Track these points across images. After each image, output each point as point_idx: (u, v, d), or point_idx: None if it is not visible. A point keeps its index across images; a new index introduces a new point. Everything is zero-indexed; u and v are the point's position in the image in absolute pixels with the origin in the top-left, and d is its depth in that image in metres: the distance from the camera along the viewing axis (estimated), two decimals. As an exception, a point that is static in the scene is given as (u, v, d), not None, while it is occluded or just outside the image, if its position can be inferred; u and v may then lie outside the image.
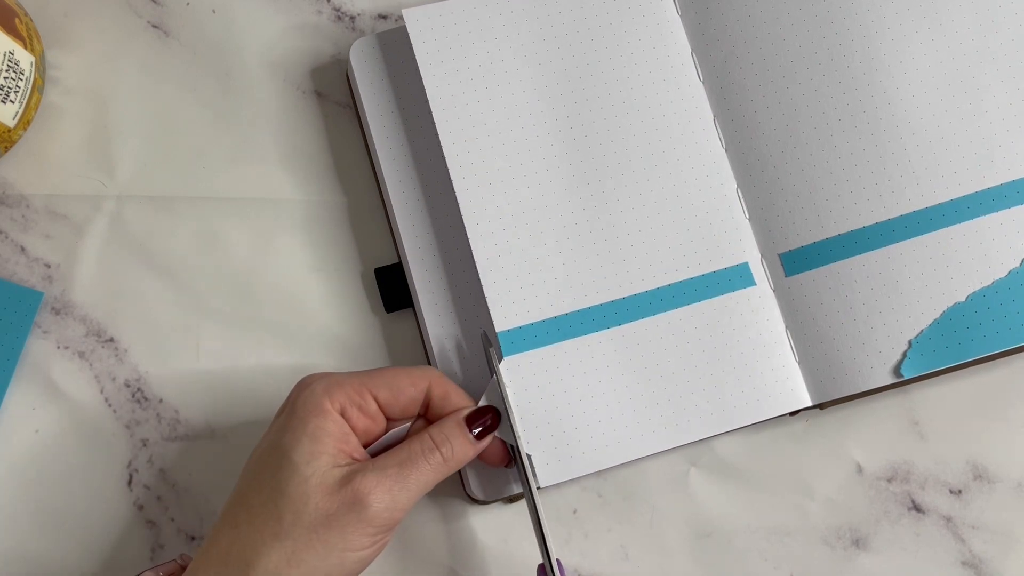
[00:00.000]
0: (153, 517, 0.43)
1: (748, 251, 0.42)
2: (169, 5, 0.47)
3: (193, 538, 0.42)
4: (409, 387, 0.37)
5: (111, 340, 0.44)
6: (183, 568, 0.37)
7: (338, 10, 0.47)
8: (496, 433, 0.38)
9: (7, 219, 0.45)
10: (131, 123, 0.46)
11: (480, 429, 0.37)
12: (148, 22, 0.47)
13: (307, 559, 0.33)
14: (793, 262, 0.41)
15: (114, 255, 0.45)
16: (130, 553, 0.42)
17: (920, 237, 0.40)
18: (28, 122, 0.45)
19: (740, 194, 0.42)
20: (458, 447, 0.36)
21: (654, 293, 0.41)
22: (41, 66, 0.45)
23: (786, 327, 0.41)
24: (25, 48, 0.44)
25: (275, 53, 0.46)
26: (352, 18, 0.47)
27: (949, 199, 0.40)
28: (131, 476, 0.43)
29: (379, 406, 0.37)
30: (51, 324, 0.44)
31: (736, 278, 0.41)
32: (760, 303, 0.41)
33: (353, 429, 0.36)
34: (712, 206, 0.42)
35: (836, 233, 0.41)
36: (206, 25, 0.47)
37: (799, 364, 0.41)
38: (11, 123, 0.43)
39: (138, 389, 0.44)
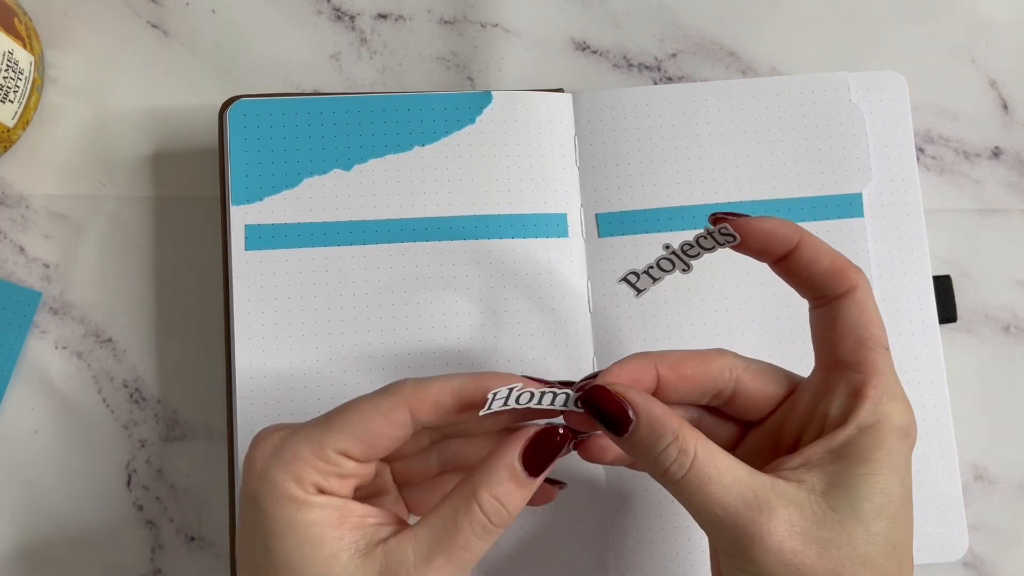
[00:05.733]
0: (152, 518, 0.43)
1: None
2: (169, 5, 0.47)
3: (192, 538, 0.42)
4: (387, 429, 0.29)
5: (109, 340, 0.44)
6: None
7: (338, 10, 0.47)
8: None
9: (6, 219, 0.45)
10: (131, 123, 0.46)
11: (541, 463, 0.29)
12: (148, 22, 0.47)
13: None
14: None
15: (113, 255, 0.44)
16: (130, 553, 0.42)
17: None
18: (27, 122, 0.45)
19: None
20: (514, 506, 0.29)
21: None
22: (40, 66, 0.45)
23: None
24: (24, 48, 0.44)
25: (274, 52, 0.47)
26: (352, 18, 0.47)
27: None
28: (130, 477, 0.43)
29: (358, 460, 0.29)
30: (49, 324, 0.44)
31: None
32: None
33: (343, 496, 0.30)
34: None
35: None
36: (206, 25, 0.47)
37: None
38: (10, 123, 0.43)
39: (136, 389, 0.43)
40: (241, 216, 0.41)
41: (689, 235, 0.33)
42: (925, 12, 0.48)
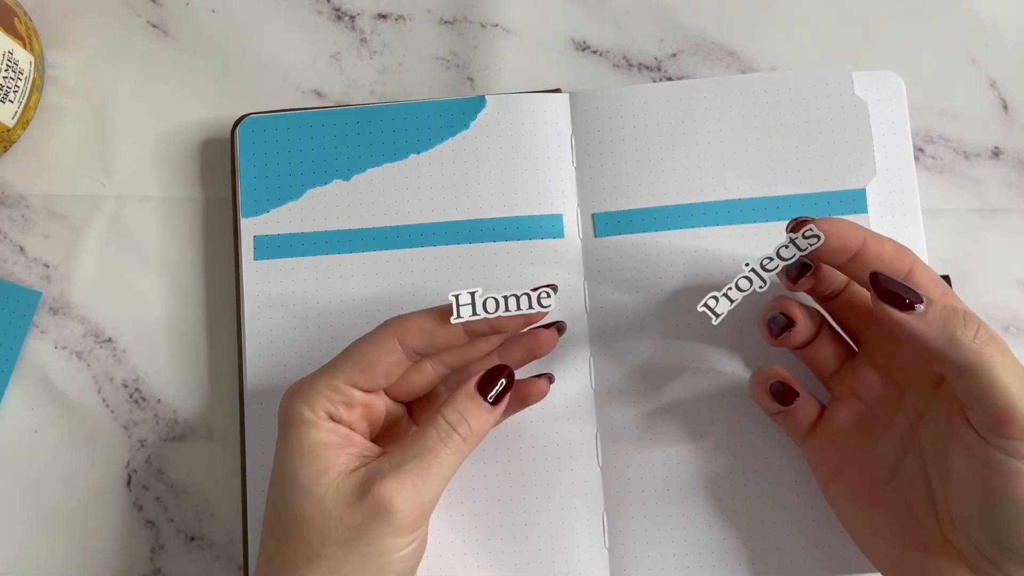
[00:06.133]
0: (152, 517, 0.43)
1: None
2: (169, 5, 0.47)
3: (192, 538, 0.42)
4: (381, 356, 0.35)
5: (109, 340, 0.44)
6: None
7: (338, 9, 0.47)
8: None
9: (6, 219, 0.45)
10: (130, 123, 0.46)
11: (496, 394, 0.34)
12: (148, 22, 0.47)
13: (347, 573, 0.32)
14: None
15: (113, 255, 0.45)
16: (129, 553, 0.42)
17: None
18: (27, 122, 0.45)
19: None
20: (475, 422, 0.34)
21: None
22: (40, 66, 0.45)
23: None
24: (24, 48, 0.44)
25: (274, 52, 0.46)
26: (352, 17, 0.47)
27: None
28: (130, 476, 0.43)
29: (364, 390, 0.35)
30: (49, 324, 0.44)
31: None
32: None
33: (351, 426, 0.35)
34: None
35: None
36: (206, 25, 0.47)
37: None
38: (10, 123, 0.43)
39: (136, 389, 0.43)
40: (250, 228, 0.43)
41: (765, 251, 0.34)
42: (925, 12, 0.48)
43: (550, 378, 0.38)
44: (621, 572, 0.40)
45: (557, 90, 0.44)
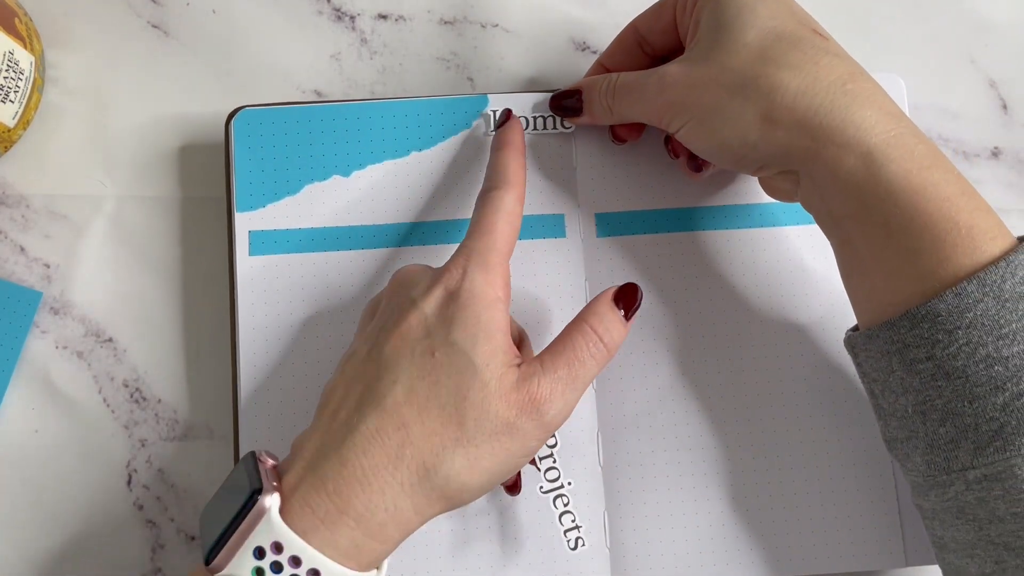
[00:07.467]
0: (153, 517, 0.43)
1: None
2: (169, 5, 0.47)
3: (193, 538, 0.42)
4: (517, 221, 0.37)
5: (110, 340, 0.44)
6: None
7: (338, 10, 0.47)
8: None
9: (7, 219, 0.45)
10: (131, 123, 0.46)
11: (630, 309, 0.36)
12: (148, 22, 0.47)
13: (487, 466, 0.32)
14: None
15: (113, 255, 0.45)
16: (130, 553, 0.42)
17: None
18: (28, 122, 0.45)
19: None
20: (616, 334, 0.35)
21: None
22: (41, 66, 0.45)
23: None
24: (25, 48, 0.44)
25: (275, 53, 0.47)
26: (352, 18, 0.47)
27: None
28: (130, 476, 0.43)
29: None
30: (50, 324, 0.44)
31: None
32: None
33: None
34: None
35: None
36: (206, 25, 0.47)
37: None
38: (11, 123, 0.43)
39: (136, 389, 0.44)
40: (245, 222, 0.42)
41: None
42: (925, 12, 0.48)
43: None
44: (621, 572, 0.40)
45: (558, 90, 0.44)
